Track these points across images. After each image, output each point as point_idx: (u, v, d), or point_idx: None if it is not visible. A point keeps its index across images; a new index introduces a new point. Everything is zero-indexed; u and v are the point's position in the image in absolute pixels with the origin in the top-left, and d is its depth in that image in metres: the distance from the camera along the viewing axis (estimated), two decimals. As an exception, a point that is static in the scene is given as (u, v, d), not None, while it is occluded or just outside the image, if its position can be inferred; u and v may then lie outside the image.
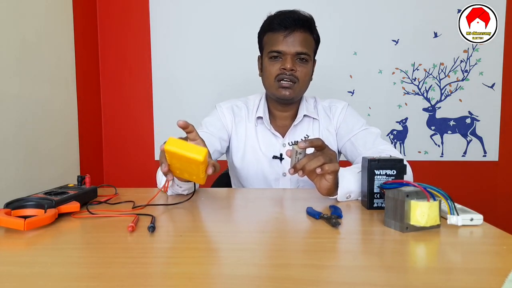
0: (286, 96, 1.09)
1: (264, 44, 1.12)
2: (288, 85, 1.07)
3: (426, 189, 0.62)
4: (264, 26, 1.12)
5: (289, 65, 1.05)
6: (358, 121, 1.16)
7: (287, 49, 1.05)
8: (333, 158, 0.82)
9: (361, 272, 0.47)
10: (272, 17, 1.09)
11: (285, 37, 1.05)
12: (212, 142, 1.09)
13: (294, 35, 1.05)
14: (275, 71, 1.08)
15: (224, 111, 1.20)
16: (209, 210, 0.79)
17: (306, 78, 1.10)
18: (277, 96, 1.11)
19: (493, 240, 0.60)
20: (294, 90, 1.09)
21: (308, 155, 0.80)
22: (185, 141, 0.67)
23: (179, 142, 0.65)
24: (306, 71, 1.09)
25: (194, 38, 2.03)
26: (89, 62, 1.99)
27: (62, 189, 0.81)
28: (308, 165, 0.78)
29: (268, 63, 1.10)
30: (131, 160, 2.12)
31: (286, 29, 1.05)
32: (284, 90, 1.08)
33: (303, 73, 1.08)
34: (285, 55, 1.06)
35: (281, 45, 1.05)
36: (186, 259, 0.53)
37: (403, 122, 2.04)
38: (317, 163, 0.78)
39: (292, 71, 1.06)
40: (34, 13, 1.50)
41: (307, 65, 1.08)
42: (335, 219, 0.66)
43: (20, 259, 0.53)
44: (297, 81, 1.08)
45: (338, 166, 0.81)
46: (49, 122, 1.59)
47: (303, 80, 1.09)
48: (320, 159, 0.79)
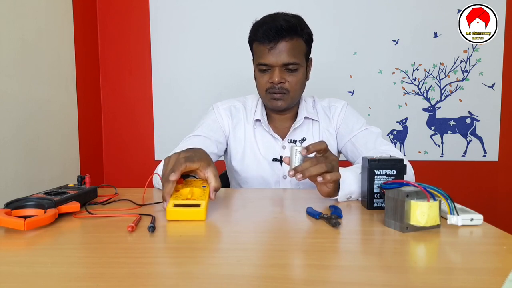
0: (279, 107, 1.09)
1: (253, 52, 1.11)
2: (279, 97, 1.07)
3: (426, 189, 0.62)
4: (251, 34, 1.09)
5: (277, 79, 1.03)
6: (358, 121, 1.16)
7: (273, 62, 1.03)
8: (335, 164, 0.80)
9: (361, 272, 0.47)
10: (257, 26, 1.06)
11: (270, 49, 1.02)
12: (208, 145, 1.08)
13: (279, 46, 1.01)
14: (264, 84, 1.07)
15: (221, 112, 1.19)
16: (209, 210, 0.78)
17: (297, 86, 1.08)
18: (270, 107, 1.11)
19: (493, 240, 0.60)
20: (286, 101, 1.08)
21: (310, 159, 0.79)
22: (183, 208, 0.69)
23: (177, 212, 0.69)
24: (296, 80, 1.06)
25: (194, 38, 2.03)
26: (89, 62, 1.99)
27: (62, 189, 0.81)
28: (309, 171, 0.77)
29: (258, 74, 1.09)
30: (131, 160, 2.12)
31: (270, 42, 1.02)
32: (275, 102, 1.07)
33: (293, 83, 1.06)
34: (273, 67, 1.04)
35: (267, 57, 1.03)
36: (186, 259, 0.53)
37: (403, 122, 2.04)
38: (319, 170, 0.77)
39: (281, 84, 1.05)
40: (34, 13, 1.50)
41: (297, 73, 1.06)
42: (335, 219, 0.66)
43: (20, 259, 0.53)
44: (288, 92, 1.06)
45: (340, 175, 0.80)
46: (49, 122, 1.59)
47: (293, 89, 1.07)
48: (323, 166, 0.77)
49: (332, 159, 0.80)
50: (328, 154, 0.81)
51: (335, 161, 0.81)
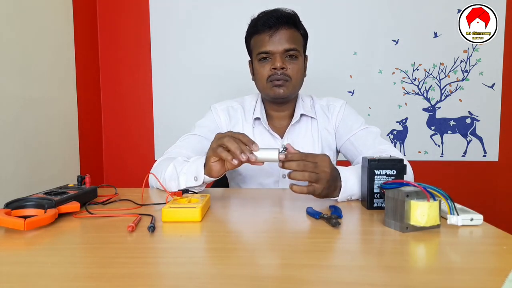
0: (281, 95, 1.08)
1: (252, 47, 1.11)
2: (281, 83, 1.07)
3: (426, 189, 0.62)
4: (249, 29, 1.11)
5: (279, 64, 1.04)
6: (357, 120, 1.15)
7: (274, 48, 1.04)
8: (322, 177, 0.78)
9: (361, 272, 0.47)
10: (256, 19, 1.09)
11: (271, 36, 1.04)
12: (205, 145, 1.07)
13: (279, 33, 1.04)
14: (266, 72, 1.07)
15: (219, 112, 1.19)
16: (209, 210, 0.79)
17: (299, 74, 1.09)
18: (272, 96, 1.10)
19: (493, 240, 0.60)
20: (288, 88, 1.08)
21: (298, 162, 0.77)
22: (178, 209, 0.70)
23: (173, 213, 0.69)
24: (297, 67, 1.07)
25: (194, 38, 2.03)
26: (89, 62, 1.99)
27: (62, 189, 0.81)
28: (293, 174, 0.77)
29: (259, 65, 1.09)
30: (131, 160, 2.12)
31: (270, 29, 1.04)
32: (277, 89, 1.07)
33: (294, 70, 1.07)
34: (274, 55, 1.05)
35: (268, 45, 1.05)
36: (186, 259, 0.53)
37: (403, 122, 2.04)
38: (299, 177, 0.77)
39: (283, 70, 1.05)
40: (34, 13, 1.50)
41: (297, 61, 1.07)
42: (335, 219, 0.66)
43: (20, 259, 0.53)
44: (290, 79, 1.07)
45: (319, 191, 0.78)
46: (49, 122, 1.59)
47: (295, 77, 1.08)
48: (305, 174, 0.76)
49: (322, 170, 0.78)
50: (321, 164, 0.78)
51: (324, 173, 0.78)
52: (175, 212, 0.69)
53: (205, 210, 0.75)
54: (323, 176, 0.78)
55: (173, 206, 0.71)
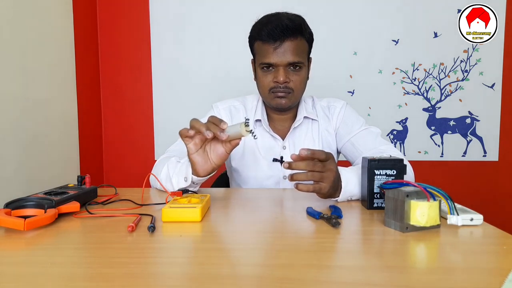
0: (282, 105, 1.08)
1: (255, 52, 1.09)
2: (283, 95, 1.06)
3: (426, 189, 0.62)
4: (252, 33, 1.08)
5: (282, 78, 1.02)
6: (358, 121, 1.15)
7: (278, 61, 1.02)
8: (327, 176, 0.78)
9: (361, 272, 0.47)
10: (260, 26, 1.05)
11: (275, 49, 1.01)
12: None
13: (284, 45, 1.01)
14: (268, 83, 1.06)
15: (221, 111, 1.19)
16: (209, 210, 0.79)
17: (301, 85, 1.08)
18: (273, 105, 1.10)
19: (493, 240, 0.60)
20: (290, 99, 1.07)
21: (306, 162, 0.77)
22: (178, 208, 0.71)
23: (173, 213, 0.70)
24: (300, 78, 1.06)
25: (195, 38, 2.03)
26: (89, 62, 1.99)
27: (62, 189, 0.81)
28: (296, 176, 0.77)
29: (261, 73, 1.07)
30: (131, 160, 2.12)
31: (275, 41, 1.01)
32: (279, 100, 1.06)
33: (297, 82, 1.06)
34: (277, 67, 1.03)
35: (272, 57, 1.02)
36: (186, 259, 0.53)
37: (403, 122, 2.04)
38: (304, 177, 0.77)
39: (286, 83, 1.04)
40: (34, 13, 1.50)
41: (300, 72, 1.06)
42: (335, 219, 0.66)
43: (20, 259, 0.53)
44: (292, 91, 1.06)
45: (325, 190, 0.79)
46: (49, 122, 1.59)
47: (297, 88, 1.07)
48: (309, 175, 0.76)
49: (328, 169, 0.78)
50: (328, 162, 0.79)
51: (331, 172, 0.78)
52: (175, 212, 0.69)
53: (205, 210, 0.75)
54: (330, 175, 0.78)
55: (173, 206, 0.71)
